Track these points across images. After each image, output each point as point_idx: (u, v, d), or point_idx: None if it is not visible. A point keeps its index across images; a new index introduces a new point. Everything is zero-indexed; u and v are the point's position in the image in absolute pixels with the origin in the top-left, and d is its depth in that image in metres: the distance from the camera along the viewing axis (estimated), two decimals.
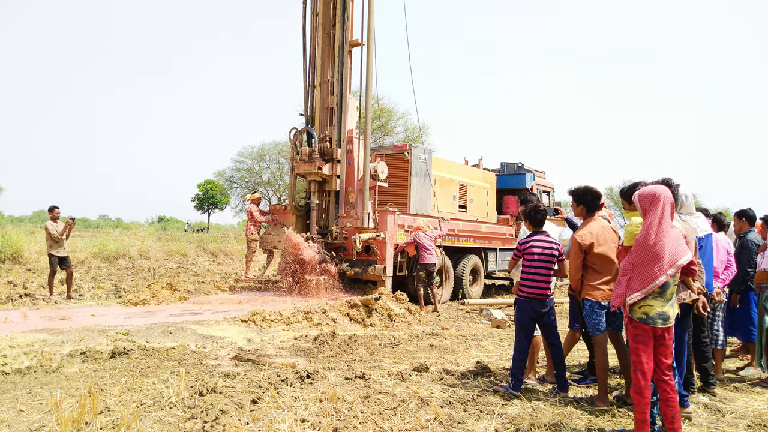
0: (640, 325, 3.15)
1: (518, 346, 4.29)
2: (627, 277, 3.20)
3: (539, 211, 4.40)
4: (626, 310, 3.21)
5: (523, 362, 4.29)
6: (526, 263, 4.32)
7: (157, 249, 18.44)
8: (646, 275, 3.11)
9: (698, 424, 3.63)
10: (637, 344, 3.16)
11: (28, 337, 5.42)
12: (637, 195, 3.29)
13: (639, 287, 3.12)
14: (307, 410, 3.52)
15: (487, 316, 8.74)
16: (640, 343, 3.15)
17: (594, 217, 4.23)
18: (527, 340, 4.32)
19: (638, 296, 3.12)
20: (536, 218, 4.40)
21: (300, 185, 11.97)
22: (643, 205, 3.24)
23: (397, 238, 9.31)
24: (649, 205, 3.19)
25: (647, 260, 3.11)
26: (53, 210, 9.12)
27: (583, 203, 4.25)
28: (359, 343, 6.02)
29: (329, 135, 9.95)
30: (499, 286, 14.14)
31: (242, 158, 39.85)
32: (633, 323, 3.18)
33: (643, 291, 3.11)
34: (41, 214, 52.15)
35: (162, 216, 67.99)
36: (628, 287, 3.17)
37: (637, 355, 3.15)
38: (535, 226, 4.42)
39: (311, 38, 10.31)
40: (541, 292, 4.25)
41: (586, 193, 4.24)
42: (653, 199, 3.19)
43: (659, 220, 3.13)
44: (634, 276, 3.16)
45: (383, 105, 28.81)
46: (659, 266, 3.08)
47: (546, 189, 14.17)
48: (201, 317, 7.04)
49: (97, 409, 3.39)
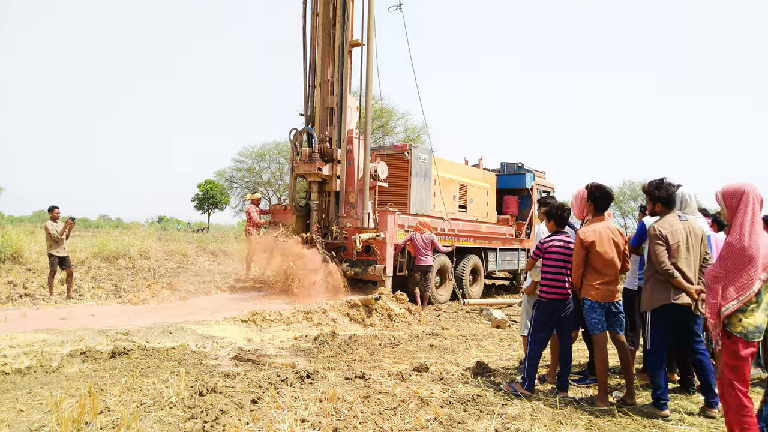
0: (739, 340, 2.81)
1: (535, 346, 4.24)
2: (720, 285, 2.87)
3: (566, 209, 4.38)
4: (720, 323, 2.87)
5: (538, 363, 4.27)
6: (547, 263, 4.27)
7: (157, 249, 18.43)
8: (741, 281, 2.80)
9: (698, 424, 3.63)
10: (737, 361, 2.81)
11: (28, 337, 5.42)
12: (720, 192, 3.04)
13: (735, 295, 2.80)
14: (307, 410, 3.52)
15: (487, 316, 8.74)
16: (740, 359, 2.81)
17: (602, 216, 4.21)
18: (545, 341, 4.30)
19: (735, 305, 2.81)
20: (563, 217, 4.36)
21: (300, 185, 11.97)
22: (729, 204, 2.96)
23: (397, 238, 9.32)
24: (738, 204, 2.91)
25: (741, 265, 2.81)
26: (53, 210, 9.13)
27: (592, 200, 4.22)
28: (359, 343, 6.02)
29: (329, 135, 9.95)
30: (499, 286, 14.15)
31: (242, 158, 39.89)
32: (732, 338, 2.83)
33: (740, 300, 2.79)
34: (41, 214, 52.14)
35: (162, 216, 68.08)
36: (723, 296, 2.84)
37: (737, 373, 2.80)
38: (559, 225, 4.39)
39: (311, 38, 10.32)
40: (563, 292, 4.22)
41: (596, 191, 4.21)
42: (741, 197, 2.91)
43: (751, 219, 2.85)
44: (728, 283, 2.84)
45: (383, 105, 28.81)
46: (754, 270, 2.78)
47: (546, 189, 14.17)
48: (201, 317, 7.04)
49: (97, 409, 3.39)
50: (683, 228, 3.85)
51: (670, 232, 3.80)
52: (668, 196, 3.94)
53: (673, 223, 3.85)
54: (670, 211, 3.95)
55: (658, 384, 3.77)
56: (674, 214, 3.94)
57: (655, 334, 3.80)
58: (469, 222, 11.55)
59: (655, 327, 3.81)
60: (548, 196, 7.54)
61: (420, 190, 10.54)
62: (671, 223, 3.85)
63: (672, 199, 3.95)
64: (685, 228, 3.85)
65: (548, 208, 4.47)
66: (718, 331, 2.89)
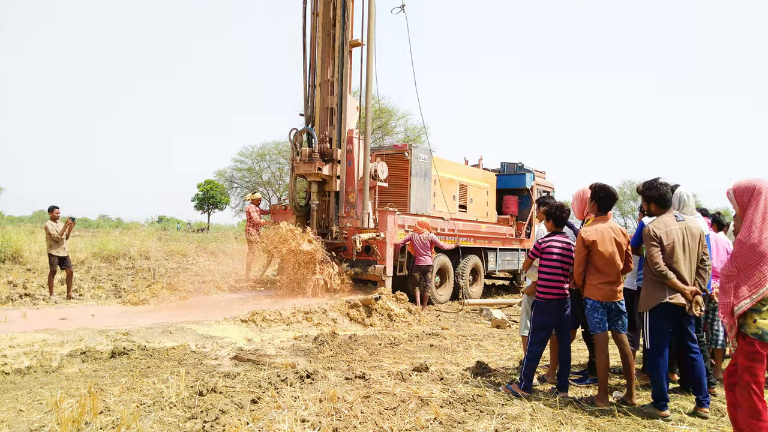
0: (755, 342, 2.76)
1: (534, 347, 4.24)
2: (732, 283, 2.83)
3: (564, 210, 4.37)
4: (735, 323, 2.82)
5: (537, 364, 4.26)
6: (544, 263, 4.27)
7: (157, 249, 18.45)
8: (754, 279, 2.74)
9: (698, 424, 3.63)
10: (752, 363, 2.77)
11: (28, 337, 5.42)
12: (732, 189, 2.99)
13: (748, 294, 2.75)
14: (307, 410, 3.52)
15: (487, 316, 8.74)
16: (756, 361, 2.76)
17: (606, 216, 4.21)
18: (544, 342, 4.29)
19: (747, 304, 2.75)
20: (561, 217, 4.35)
21: (300, 185, 11.97)
22: (740, 201, 2.91)
23: (397, 238, 9.33)
24: (749, 200, 2.86)
25: (753, 262, 2.75)
26: (53, 210, 9.13)
27: (596, 200, 4.21)
28: (359, 343, 6.02)
29: (329, 135, 9.95)
30: (499, 286, 14.15)
31: (243, 158, 39.90)
32: (747, 339, 2.78)
33: (753, 298, 2.73)
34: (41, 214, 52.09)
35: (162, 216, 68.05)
36: (735, 295, 2.79)
37: (753, 374, 2.76)
38: (558, 225, 4.38)
39: (311, 38, 10.31)
40: (561, 292, 4.22)
41: (600, 191, 4.19)
42: (753, 193, 2.86)
43: (762, 216, 2.79)
44: (741, 282, 2.79)
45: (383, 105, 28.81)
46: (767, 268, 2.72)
47: (546, 189, 14.17)
48: (201, 317, 7.04)
49: (97, 409, 3.39)
50: (679, 228, 3.82)
51: (664, 232, 3.77)
52: (659, 196, 3.92)
53: (668, 223, 3.83)
54: (665, 210, 3.92)
55: (659, 384, 3.77)
56: (670, 214, 3.91)
57: (653, 334, 3.80)
58: (469, 222, 11.55)
59: (653, 327, 3.81)
60: (547, 196, 7.55)
61: (420, 190, 10.54)
62: (666, 223, 3.83)
63: (665, 199, 3.93)
64: (681, 228, 3.83)
65: (547, 207, 4.48)
66: (735, 332, 2.83)
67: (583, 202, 4.62)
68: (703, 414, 3.75)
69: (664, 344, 3.80)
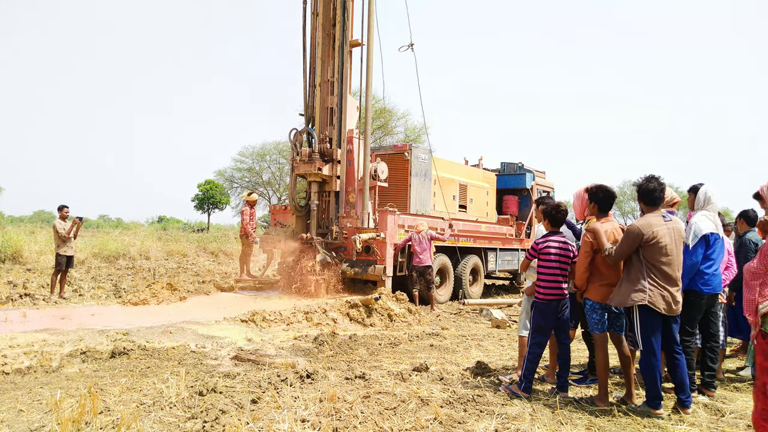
0: None
1: (534, 348, 4.22)
2: (759, 281, 2.74)
3: (561, 210, 4.35)
4: (758, 322, 2.73)
5: (537, 365, 4.25)
6: (542, 264, 4.24)
7: (157, 249, 18.43)
8: None
9: (698, 424, 3.63)
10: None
11: (28, 337, 5.42)
12: (766, 186, 2.95)
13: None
14: (307, 410, 3.52)
15: (487, 316, 8.74)
16: None
17: (607, 217, 4.19)
18: (544, 343, 4.28)
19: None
20: (558, 217, 4.34)
21: (300, 185, 11.98)
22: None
23: (397, 238, 9.33)
24: None
25: None
26: (62, 209, 9.15)
27: (596, 201, 4.18)
28: (359, 343, 6.02)
29: (329, 135, 9.95)
30: (499, 286, 14.15)
31: (243, 158, 39.94)
32: (767, 338, 2.69)
33: None
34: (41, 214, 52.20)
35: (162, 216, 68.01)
36: (761, 294, 2.70)
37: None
38: (554, 225, 4.36)
39: (311, 38, 10.32)
40: (560, 292, 4.21)
41: (600, 191, 4.17)
42: None
43: None
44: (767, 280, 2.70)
45: (383, 105, 28.81)
46: None
47: (546, 189, 14.18)
48: (201, 317, 7.05)
49: (97, 409, 3.39)
50: (668, 228, 3.77)
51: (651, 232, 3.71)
52: (643, 192, 3.87)
53: (652, 222, 3.77)
54: (652, 208, 3.87)
55: (653, 383, 3.76)
56: (657, 214, 3.84)
57: (645, 333, 3.78)
58: (469, 222, 11.55)
59: (644, 326, 3.79)
60: (546, 195, 7.55)
61: (420, 190, 10.54)
62: (650, 222, 3.77)
63: (653, 197, 3.86)
64: (669, 228, 3.78)
65: (545, 207, 4.48)
66: (757, 330, 2.75)
67: (584, 203, 4.61)
68: (684, 414, 3.75)
69: (656, 343, 3.79)
